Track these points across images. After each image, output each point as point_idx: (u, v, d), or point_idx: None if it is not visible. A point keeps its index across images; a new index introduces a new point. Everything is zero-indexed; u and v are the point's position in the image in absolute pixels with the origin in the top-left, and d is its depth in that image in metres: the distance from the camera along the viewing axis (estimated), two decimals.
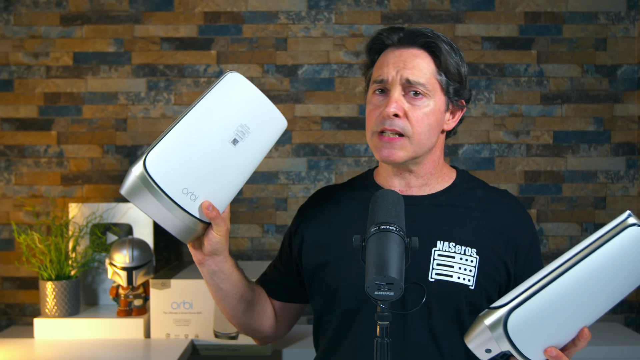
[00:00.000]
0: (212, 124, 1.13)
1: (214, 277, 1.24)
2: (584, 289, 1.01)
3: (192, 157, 1.10)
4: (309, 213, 1.36)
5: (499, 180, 2.49)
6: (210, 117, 1.13)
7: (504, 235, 1.26)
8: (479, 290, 1.21)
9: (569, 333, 1.03)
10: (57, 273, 2.12)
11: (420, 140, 1.22)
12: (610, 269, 1.01)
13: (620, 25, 2.48)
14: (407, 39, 1.24)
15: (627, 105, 2.49)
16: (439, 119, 1.25)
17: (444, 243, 1.23)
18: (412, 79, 1.20)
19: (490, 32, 2.49)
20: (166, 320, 2.04)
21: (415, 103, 1.21)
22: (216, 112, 1.14)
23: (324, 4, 2.48)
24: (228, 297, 1.28)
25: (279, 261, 1.42)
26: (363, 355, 1.20)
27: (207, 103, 1.14)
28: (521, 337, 0.99)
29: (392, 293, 0.91)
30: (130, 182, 1.05)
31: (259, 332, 1.38)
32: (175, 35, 2.47)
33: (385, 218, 1.00)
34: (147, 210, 1.07)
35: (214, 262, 1.21)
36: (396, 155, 1.22)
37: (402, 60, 1.22)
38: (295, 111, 2.49)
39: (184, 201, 1.08)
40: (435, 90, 1.23)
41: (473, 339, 1.02)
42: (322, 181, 2.48)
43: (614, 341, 2.18)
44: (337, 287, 1.25)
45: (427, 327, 1.21)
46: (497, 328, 0.99)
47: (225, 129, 1.14)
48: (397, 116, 1.20)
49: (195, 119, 1.11)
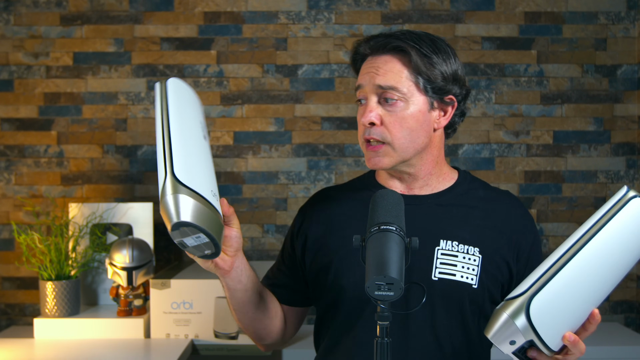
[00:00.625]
0: (194, 129, 1.16)
1: (242, 278, 1.22)
2: (596, 267, 1.00)
3: (203, 162, 1.11)
4: (310, 213, 1.36)
5: (499, 180, 2.49)
6: (191, 125, 1.16)
7: (506, 234, 1.26)
8: (481, 289, 1.22)
9: (582, 316, 1.02)
10: (57, 273, 2.12)
11: (402, 144, 1.22)
12: (618, 243, 1.01)
13: (620, 25, 2.48)
14: (379, 46, 1.24)
15: (627, 105, 2.49)
16: (421, 120, 1.23)
17: (447, 242, 1.23)
18: (384, 84, 1.21)
19: (490, 32, 2.49)
20: (166, 320, 2.04)
21: (390, 109, 1.21)
22: (190, 119, 1.18)
23: (324, 4, 2.48)
24: (247, 291, 1.26)
25: (282, 263, 1.41)
26: (364, 355, 1.20)
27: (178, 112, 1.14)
28: (543, 324, 0.97)
29: (392, 293, 0.91)
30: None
31: (271, 334, 1.36)
32: (175, 35, 2.47)
33: (385, 218, 1.00)
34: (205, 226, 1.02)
35: (238, 260, 1.21)
36: (382, 162, 1.23)
37: (374, 67, 1.23)
38: (295, 111, 2.49)
39: (215, 203, 1.06)
40: (412, 93, 1.22)
41: (496, 333, 0.99)
42: (322, 181, 2.48)
43: (614, 341, 2.18)
44: (341, 288, 1.25)
45: (430, 327, 1.21)
46: (519, 317, 0.97)
47: (199, 130, 1.17)
48: (374, 124, 1.21)
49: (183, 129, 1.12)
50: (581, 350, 1.02)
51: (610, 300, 2.50)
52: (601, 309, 2.49)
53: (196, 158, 1.09)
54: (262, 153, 2.49)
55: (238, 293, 1.24)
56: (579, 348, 1.01)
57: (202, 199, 1.01)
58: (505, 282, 1.25)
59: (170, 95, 1.14)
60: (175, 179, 1.01)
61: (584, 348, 1.02)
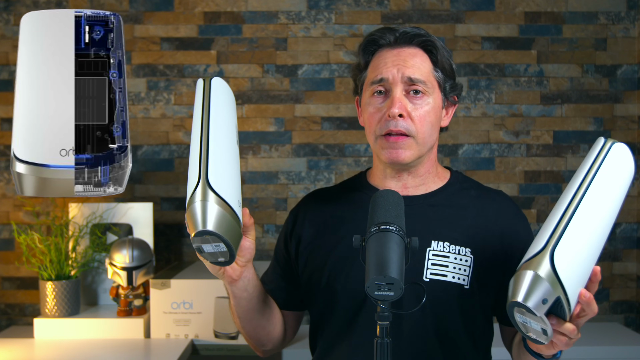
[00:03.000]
0: (232, 134, 1.13)
1: (248, 288, 1.21)
2: (597, 214, 1.00)
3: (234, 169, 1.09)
4: (302, 215, 1.35)
5: (499, 180, 2.49)
6: (230, 129, 1.13)
7: (499, 234, 1.25)
8: (473, 290, 1.21)
9: (589, 271, 0.99)
10: (57, 273, 2.12)
11: (424, 139, 1.22)
12: (610, 189, 1.03)
13: (620, 25, 2.48)
14: (403, 39, 1.24)
15: (627, 105, 2.49)
16: (438, 117, 1.25)
17: (438, 243, 1.22)
18: (414, 76, 1.20)
19: (490, 32, 2.49)
20: (166, 320, 2.04)
21: (416, 102, 1.21)
22: (230, 122, 1.14)
23: (324, 4, 2.48)
24: (252, 300, 1.24)
25: (277, 266, 1.40)
26: (361, 356, 1.20)
27: (221, 115, 1.10)
28: (568, 278, 0.93)
29: (392, 293, 0.91)
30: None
31: (272, 339, 1.36)
32: (175, 35, 2.47)
33: (385, 218, 1.00)
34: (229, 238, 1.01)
35: (247, 270, 1.19)
36: (403, 155, 1.21)
37: (401, 59, 1.22)
38: (295, 111, 2.49)
39: (240, 214, 1.05)
40: (434, 88, 1.23)
41: (527, 294, 0.93)
42: (322, 181, 2.48)
43: (614, 341, 2.17)
44: (335, 289, 1.24)
45: (422, 327, 1.20)
46: (547, 271, 0.92)
47: (234, 134, 1.14)
48: (402, 116, 1.20)
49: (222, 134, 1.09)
50: (594, 310, 0.97)
51: (610, 300, 2.50)
52: (601, 309, 2.50)
53: (228, 164, 1.08)
54: (262, 153, 2.49)
55: (243, 301, 1.23)
56: (593, 307, 0.97)
57: (229, 208, 1.01)
58: (497, 283, 1.23)
59: (213, 95, 1.12)
60: (208, 185, 1.01)
61: (597, 308, 0.98)
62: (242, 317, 1.27)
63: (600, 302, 2.50)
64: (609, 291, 2.50)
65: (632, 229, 2.50)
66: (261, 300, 1.28)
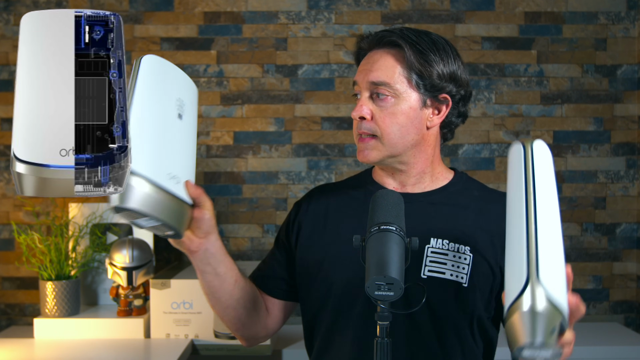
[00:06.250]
0: (161, 107, 1.11)
1: (211, 261, 1.21)
2: (553, 223, 0.97)
3: (163, 143, 1.09)
4: (305, 207, 1.36)
5: (499, 180, 2.49)
6: (157, 103, 1.11)
7: (499, 235, 1.24)
8: (472, 288, 1.21)
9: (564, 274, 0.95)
10: (57, 273, 2.12)
11: (391, 140, 1.23)
12: (549, 190, 1.00)
13: (620, 25, 2.48)
14: (375, 41, 1.27)
15: (627, 105, 2.49)
16: (412, 117, 1.23)
17: (437, 240, 1.22)
18: (375, 80, 1.22)
19: (490, 32, 2.49)
20: (166, 320, 2.04)
21: (381, 105, 1.23)
22: (158, 96, 1.12)
23: (324, 4, 2.48)
24: (224, 282, 1.25)
25: (276, 252, 1.39)
26: (357, 351, 1.20)
27: (145, 91, 1.10)
28: (560, 299, 0.89)
29: (392, 293, 0.91)
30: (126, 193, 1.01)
31: (252, 327, 1.35)
32: (175, 35, 2.47)
33: (385, 218, 1.00)
34: (149, 211, 1.04)
35: (209, 242, 1.19)
36: (370, 155, 1.24)
37: (368, 63, 1.25)
38: (295, 111, 2.49)
39: (173, 187, 1.06)
40: (404, 89, 1.22)
41: (538, 332, 0.87)
42: (322, 181, 2.48)
43: (614, 341, 2.18)
44: (331, 283, 1.25)
45: (419, 325, 1.20)
46: (544, 304, 0.87)
47: (172, 108, 1.13)
48: (364, 119, 1.23)
49: (143, 108, 1.08)
50: (582, 311, 0.96)
51: (610, 300, 2.50)
52: (601, 309, 2.50)
53: (157, 140, 1.08)
54: (262, 153, 2.49)
55: (207, 276, 1.24)
56: (581, 309, 0.95)
57: (148, 182, 1.02)
58: (495, 282, 1.23)
59: (140, 75, 1.11)
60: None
61: (584, 308, 0.96)
62: (209, 294, 1.28)
63: (601, 302, 2.50)
64: (609, 291, 2.50)
65: (632, 229, 2.50)
66: (233, 281, 1.27)
